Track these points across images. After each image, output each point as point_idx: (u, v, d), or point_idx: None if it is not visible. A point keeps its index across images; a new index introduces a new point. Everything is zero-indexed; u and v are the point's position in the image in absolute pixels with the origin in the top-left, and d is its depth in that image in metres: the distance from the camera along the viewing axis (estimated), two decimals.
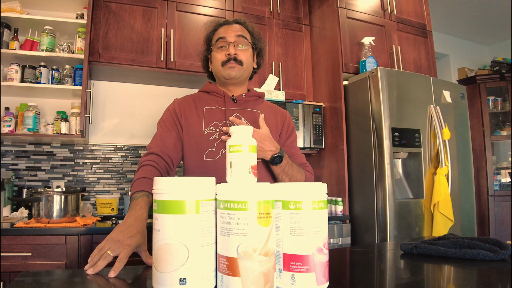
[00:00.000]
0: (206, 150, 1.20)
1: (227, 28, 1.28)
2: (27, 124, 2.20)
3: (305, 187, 0.65)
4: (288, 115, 1.39)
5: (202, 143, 1.21)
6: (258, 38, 1.34)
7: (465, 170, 2.54)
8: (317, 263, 0.63)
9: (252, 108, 1.31)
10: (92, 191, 2.52)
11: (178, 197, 0.61)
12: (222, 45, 1.26)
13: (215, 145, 1.20)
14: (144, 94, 2.71)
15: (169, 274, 0.61)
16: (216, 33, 1.30)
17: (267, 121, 1.28)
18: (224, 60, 1.24)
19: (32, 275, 0.76)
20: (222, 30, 1.28)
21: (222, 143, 1.20)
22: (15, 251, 1.66)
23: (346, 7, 2.65)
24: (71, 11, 2.41)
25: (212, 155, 1.20)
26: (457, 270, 0.83)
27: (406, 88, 2.36)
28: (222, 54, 1.25)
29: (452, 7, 3.78)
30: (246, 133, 0.78)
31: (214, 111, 1.26)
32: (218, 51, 1.27)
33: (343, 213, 2.42)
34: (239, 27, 1.29)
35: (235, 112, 1.27)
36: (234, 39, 1.25)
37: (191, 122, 1.24)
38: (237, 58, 1.24)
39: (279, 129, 1.33)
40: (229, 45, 1.24)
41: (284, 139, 1.34)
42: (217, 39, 1.27)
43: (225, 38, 1.25)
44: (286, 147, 1.33)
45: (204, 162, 1.19)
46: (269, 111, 1.34)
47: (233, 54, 1.23)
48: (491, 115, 3.90)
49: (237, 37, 1.25)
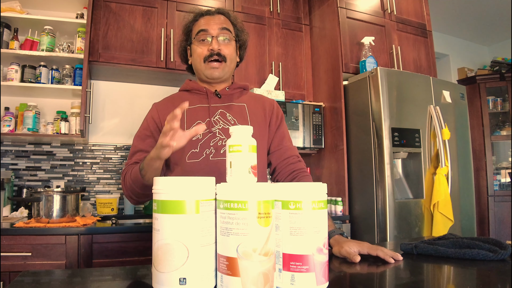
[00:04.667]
0: (189, 152, 1.13)
1: (209, 19, 1.19)
2: (27, 124, 2.20)
3: (305, 187, 0.66)
4: (275, 103, 1.31)
5: (185, 145, 1.16)
6: (241, 29, 1.26)
7: (465, 170, 2.54)
8: (317, 263, 0.63)
9: (237, 101, 1.23)
10: (92, 191, 2.52)
11: (178, 197, 0.61)
12: (204, 38, 1.17)
13: (198, 146, 1.13)
14: (144, 94, 2.70)
15: (169, 274, 0.61)
16: (197, 24, 1.20)
17: (254, 113, 1.22)
18: (207, 55, 1.16)
19: (32, 275, 0.76)
20: (203, 21, 1.19)
21: (206, 144, 1.14)
22: (15, 251, 1.66)
23: (346, 7, 2.65)
24: (71, 11, 2.41)
25: (195, 157, 1.13)
26: (457, 270, 0.83)
27: (406, 88, 2.36)
28: (204, 48, 1.17)
29: (452, 7, 3.78)
30: (246, 133, 0.78)
31: (196, 110, 1.19)
32: (200, 45, 1.18)
33: (343, 213, 2.42)
34: (223, 19, 1.20)
35: (220, 108, 1.19)
36: (217, 32, 1.17)
37: None
38: (220, 53, 1.16)
39: (267, 119, 1.25)
40: (212, 39, 1.16)
41: (274, 129, 1.26)
42: (198, 31, 1.18)
43: (207, 31, 1.17)
44: (277, 138, 1.26)
45: (186, 164, 1.12)
46: (256, 102, 1.26)
47: (216, 50, 1.15)
48: (491, 115, 3.90)
49: (220, 30, 1.17)
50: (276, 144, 1.26)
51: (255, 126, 1.21)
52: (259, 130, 1.21)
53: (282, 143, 1.26)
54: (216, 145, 1.14)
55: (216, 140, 1.15)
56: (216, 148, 1.14)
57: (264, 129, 1.23)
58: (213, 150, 1.14)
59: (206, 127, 0.88)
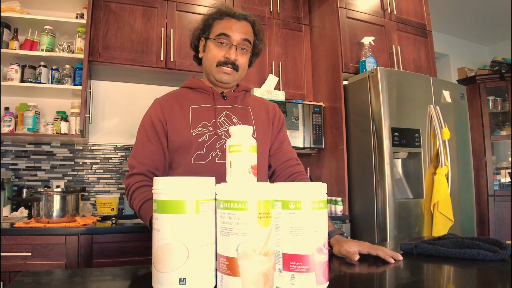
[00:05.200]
0: (195, 153, 1.11)
1: (234, 23, 1.16)
2: (27, 124, 2.19)
3: (304, 187, 0.66)
4: (277, 108, 1.32)
5: (191, 146, 1.11)
6: (261, 39, 1.25)
7: (465, 170, 2.54)
8: (317, 263, 0.63)
9: (241, 103, 1.23)
10: (92, 191, 2.52)
11: (178, 197, 0.61)
12: (223, 42, 1.15)
13: (204, 148, 1.12)
14: (144, 94, 2.70)
15: (169, 274, 0.61)
16: (220, 23, 1.17)
17: (258, 116, 1.23)
18: (221, 61, 1.15)
19: (32, 275, 0.76)
20: (227, 24, 1.16)
21: (212, 146, 1.13)
22: (15, 251, 1.66)
23: (346, 7, 2.65)
24: (71, 11, 2.41)
25: (201, 158, 1.11)
26: (457, 270, 0.83)
27: (406, 88, 2.36)
28: (221, 52, 1.15)
29: (452, 7, 3.77)
30: (246, 133, 0.78)
31: (202, 110, 1.16)
32: (217, 47, 1.16)
33: (343, 213, 2.42)
34: (247, 27, 1.18)
35: (225, 109, 1.19)
36: (238, 42, 1.15)
37: (177, 124, 1.14)
38: (235, 63, 1.15)
39: (270, 122, 1.26)
40: (231, 47, 1.15)
41: (276, 132, 1.27)
42: (220, 33, 1.15)
43: (229, 37, 1.14)
44: (277, 141, 1.27)
45: (191, 165, 1.11)
46: (259, 105, 1.27)
47: (232, 59, 1.14)
48: (491, 115, 3.90)
49: (243, 40, 1.16)
50: (276, 147, 1.27)
51: (259, 129, 1.22)
52: (263, 133, 1.22)
53: (282, 146, 1.27)
54: (222, 148, 1.14)
55: (222, 143, 1.14)
56: (222, 150, 1.14)
57: (268, 131, 1.24)
58: (219, 153, 1.13)
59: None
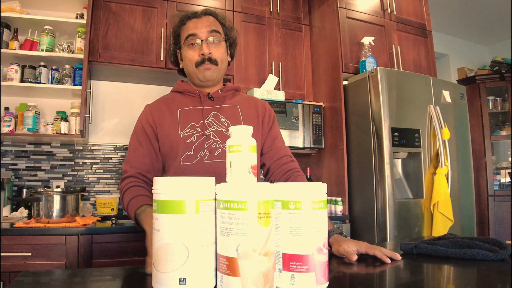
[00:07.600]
0: (183, 154, 1.12)
1: (197, 22, 1.17)
2: (27, 124, 2.19)
3: (304, 187, 0.65)
4: (267, 105, 1.31)
5: (179, 147, 1.13)
6: (230, 28, 1.24)
7: (465, 170, 2.55)
8: (317, 263, 0.63)
9: (229, 103, 1.23)
10: (92, 191, 2.52)
11: (177, 197, 0.61)
12: (193, 42, 1.16)
13: (192, 148, 1.13)
14: (144, 94, 2.70)
15: (169, 274, 0.61)
16: (185, 28, 1.19)
17: (247, 114, 1.23)
18: (198, 60, 1.15)
19: (32, 275, 0.76)
20: (191, 25, 1.18)
21: (200, 146, 1.13)
22: (14, 251, 1.66)
23: (346, 7, 2.65)
24: (71, 11, 2.41)
25: (190, 159, 1.12)
26: (457, 270, 0.83)
27: (406, 88, 2.36)
28: (195, 53, 1.16)
29: (452, 7, 3.78)
30: (245, 133, 0.78)
31: (190, 112, 1.18)
32: (189, 49, 1.17)
33: (343, 213, 2.42)
34: (211, 20, 1.19)
35: (213, 110, 1.19)
36: (206, 35, 1.16)
37: (166, 127, 1.16)
38: (211, 57, 1.15)
39: (260, 120, 1.26)
40: (202, 42, 1.15)
41: (267, 129, 1.27)
42: (187, 36, 1.17)
43: (196, 35, 1.15)
44: (270, 139, 1.26)
45: (180, 166, 1.12)
46: (248, 104, 1.27)
47: (207, 54, 1.14)
48: (490, 115, 3.90)
49: (209, 32, 1.16)
50: (268, 145, 1.26)
51: None
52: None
53: (275, 144, 1.26)
54: (210, 148, 1.14)
55: (210, 143, 1.15)
56: (210, 150, 1.14)
57: (257, 130, 1.23)
58: (207, 153, 1.14)
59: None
